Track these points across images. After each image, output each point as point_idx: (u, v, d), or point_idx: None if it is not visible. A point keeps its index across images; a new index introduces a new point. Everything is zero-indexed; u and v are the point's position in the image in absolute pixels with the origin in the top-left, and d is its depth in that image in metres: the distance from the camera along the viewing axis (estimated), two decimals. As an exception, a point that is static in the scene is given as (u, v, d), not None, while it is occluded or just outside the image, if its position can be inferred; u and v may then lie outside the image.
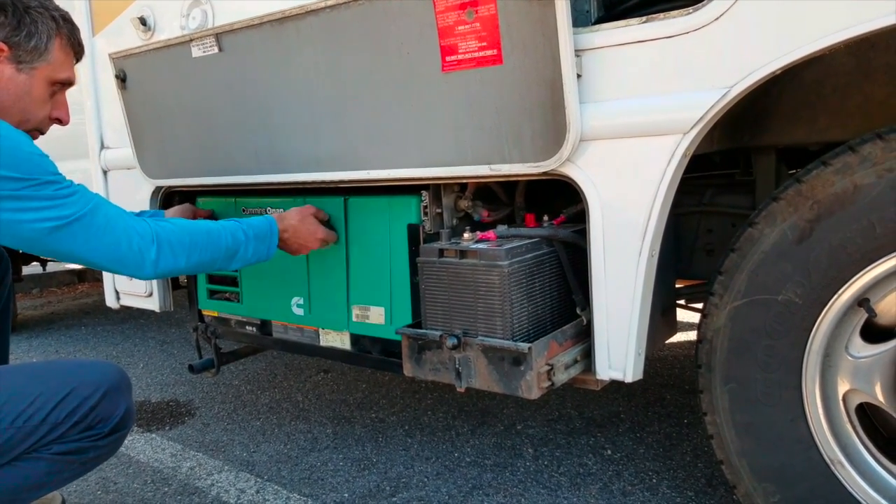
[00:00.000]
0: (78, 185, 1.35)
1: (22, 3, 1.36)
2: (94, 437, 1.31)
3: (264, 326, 2.17)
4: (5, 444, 1.24)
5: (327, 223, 1.86)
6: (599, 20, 1.52)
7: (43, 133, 1.49)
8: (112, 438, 1.34)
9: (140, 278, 1.38)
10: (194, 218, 1.94)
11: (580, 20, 1.52)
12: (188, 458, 2.28)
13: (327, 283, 1.92)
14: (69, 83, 1.48)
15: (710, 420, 1.44)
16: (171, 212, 1.95)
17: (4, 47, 1.34)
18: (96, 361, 1.40)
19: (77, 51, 1.48)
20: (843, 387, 1.31)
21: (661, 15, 1.30)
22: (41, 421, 1.25)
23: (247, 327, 2.21)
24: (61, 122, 1.50)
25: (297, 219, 1.72)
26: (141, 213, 1.79)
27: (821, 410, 1.32)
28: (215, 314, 2.30)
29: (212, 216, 2.08)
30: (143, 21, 2.09)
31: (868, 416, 1.37)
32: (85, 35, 1.52)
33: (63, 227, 1.28)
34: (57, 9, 1.43)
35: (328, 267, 1.91)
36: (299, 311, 2.00)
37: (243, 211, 2.08)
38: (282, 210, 1.81)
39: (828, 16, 1.14)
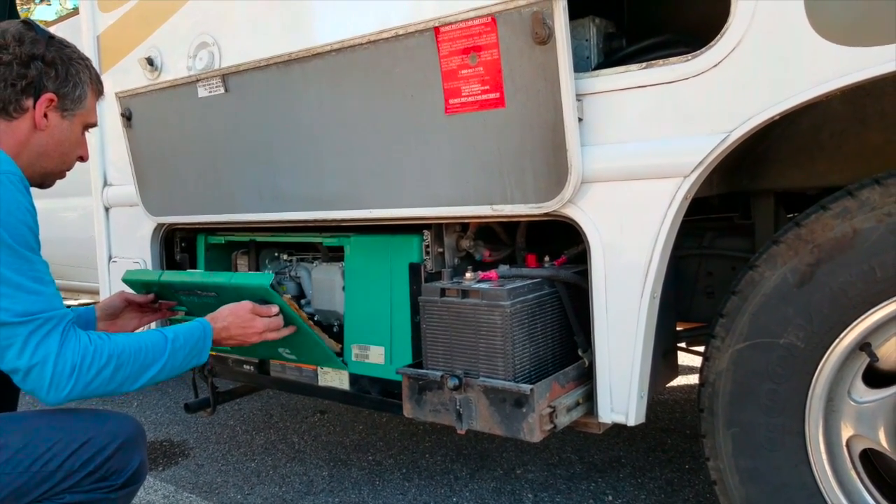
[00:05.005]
0: (49, 286, 1.27)
1: (66, 55, 1.44)
2: (107, 489, 1.30)
3: (262, 365, 2.15)
4: (21, 488, 1.22)
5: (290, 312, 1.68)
6: (600, 66, 1.55)
7: (69, 170, 1.55)
8: (125, 491, 1.32)
9: (45, 403, 1.25)
10: (126, 304, 1.76)
11: (581, 66, 1.55)
12: (181, 499, 2.23)
13: (303, 343, 1.82)
14: (95, 125, 1.56)
15: (713, 465, 1.42)
16: (103, 303, 1.77)
17: (55, 98, 1.42)
18: (113, 412, 1.38)
19: (101, 94, 1.56)
20: (846, 432, 1.30)
21: (661, 61, 1.33)
22: (57, 467, 1.24)
23: (244, 366, 2.19)
24: (83, 159, 1.56)
25: (229, 318, 1.57)
26: (70, 310, 1.68)
27: (824, 456, 1.31)
28: (213, 353, 2.27)
29: (148, 299, 1.82)
30: (150, 61, 2.12)
31: (872, 462, 1.35)
32: (92, 74, 1.58)
33: (8, 325, 1.18)
34: (84, 55, 1.51)
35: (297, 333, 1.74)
36: (291, 356, 1.96)
37: (175, 292, 1.83)
38: (215, 311, 1.60)
39: (824, 64, 1.17)
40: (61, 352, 1.23)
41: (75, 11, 2.85)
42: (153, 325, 2.01)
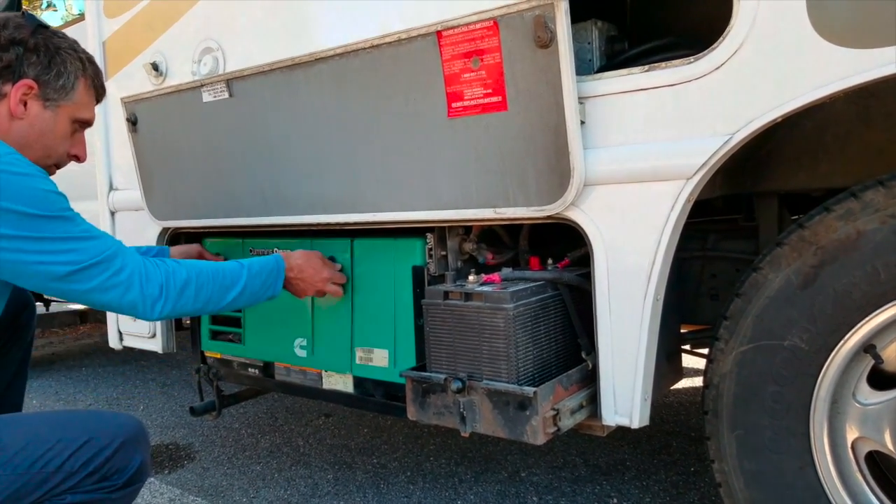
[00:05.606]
0: (97, 230, 1.38)
1: (53, 44, 1.42)
2: (109, 489, 1.29)
3: (267, 368, 2.15)
4: (20, 489, 1.22)
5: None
6: (602, 69, 1.55)
7: (60, 167, 1.55)
8: (126, 491, 1.32)
9: (145, 320, 1.40)
10: (200, 258, 1.94)
11: (583, 69, 1.56)
12: (187, 502, 2.24)
13: (331, 324, 1.91)
14: (89, 123, 1.55)
15: (717, 468, 1.42)
16: (177, 250, 1.95)
17: (35, 85, 1.39)
18: (115, 413, 1.39)
19: (99, 93, 1.56)
20: (851, 434, 1.30)
21: (663, 64, 1.33)
22: (57, 468, 1.24)
23: (249, 369, 2.20)
24: (78, 159, 1.56)
25: (303, 258, 1.72)
26: (147, 251, 1.81)
27: (829, 458, 1.30)
28: (218, 356, 2.29)
29: (218, 256, 2.08)
30: (155, 66, 2.14)
31: (878, 464, 1.35)
32: (99, 80, 1.58)
33: (78, 272, 1.31)
34: (84, 52, 1.50)
35: (333, 308, 1.90)
36: (302, 353, 1.99)
37: (251, 252, 2.08)
38: (289, 250, 1.81)
39: (826, 66, 1.17)
40: (144, 277, 1.39)
41: (81, 17, 2.87)
42: None
